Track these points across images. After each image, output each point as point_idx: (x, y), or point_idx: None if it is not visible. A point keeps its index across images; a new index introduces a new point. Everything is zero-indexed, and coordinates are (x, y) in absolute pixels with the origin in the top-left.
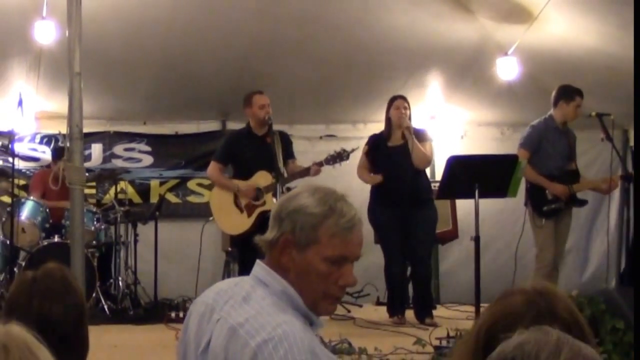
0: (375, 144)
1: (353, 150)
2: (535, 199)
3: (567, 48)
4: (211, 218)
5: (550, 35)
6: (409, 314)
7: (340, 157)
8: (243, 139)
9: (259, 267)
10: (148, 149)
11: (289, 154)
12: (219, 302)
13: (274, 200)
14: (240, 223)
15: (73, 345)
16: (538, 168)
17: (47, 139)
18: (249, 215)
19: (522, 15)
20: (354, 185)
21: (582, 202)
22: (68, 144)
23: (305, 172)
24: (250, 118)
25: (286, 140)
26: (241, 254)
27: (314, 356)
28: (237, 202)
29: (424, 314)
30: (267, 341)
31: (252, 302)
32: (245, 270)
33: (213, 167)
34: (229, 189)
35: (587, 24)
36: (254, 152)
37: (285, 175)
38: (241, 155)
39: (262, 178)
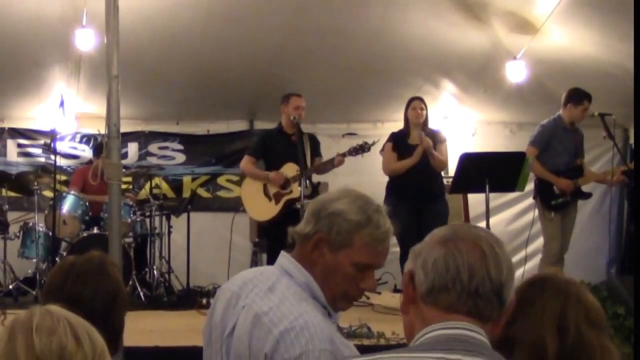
0: (398, 140)
1: (374, 143)
2: (544, 193)
3: (569, 55)
4: (241, 209)
5: (554, 44)
6: None
7: (362, 148)
8: (274, 137)
9: (285, 259)
10: (180, 147)
11: (316, 153)
12: (244, 289)
13: (300, 189)
14: (269, 210)
15: (100, 329)
16: (546, 164)
17: (87, 138)
18: (277, 202)
19: (527, 27)
20: (372, 180)
21: (587, 195)
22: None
23: (330, 162)
24: (283, 115)
25: (315, 142)
26: (269, 244)
27: (333, 344)
28: (266, 191)
29: None
30: (290, 330)
31: (277, 292)
32: (273, 259)
33: (246, 160)
34: (259, 178)
35: (586, 34)
36: (283, 148)
37: (310, 167)
38: (272, 151)
39: (289, 169)
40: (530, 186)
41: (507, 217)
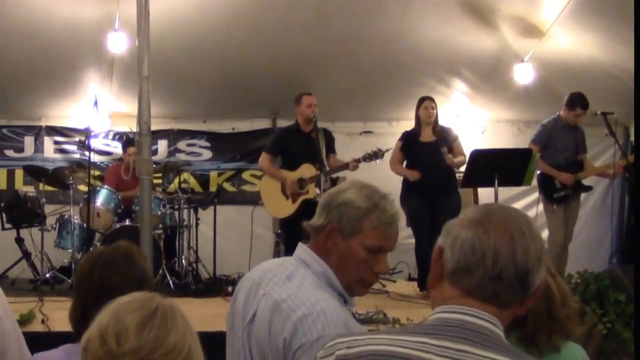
0: (409, 139)
1: (388, 150)
2: (546, 187)
3: (574, 58)
4: (260, 202)
5: (559, 47)
6: None
7: (376, 155)
8: (292, 134)
9: (302, 250)
10: (207, 144)
11: (330, 149)
12: (264, 279)
13: (317, 190)
14: (286, 208)
15: None
16: (548, 160)
17: (119, 136)
18: (294, 202)
19: (534, 32)
20: (389, 176)
21: (587, 188)
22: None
23: (345, 166)
24: (298, 115)
25: (329, 137)
26: (286, 236)
27: (348, 329)
28: (284, 190)
29: None
30: (307, 315)
31: (295, 280)
32: (290, 250)
33: (264, 158)
34: (277, 178)
35: (590, 38)
36: (300, 146)
37: (327, 168)
38: (289, 149)
39: (307, 170)
40: (534, 181)
41: None
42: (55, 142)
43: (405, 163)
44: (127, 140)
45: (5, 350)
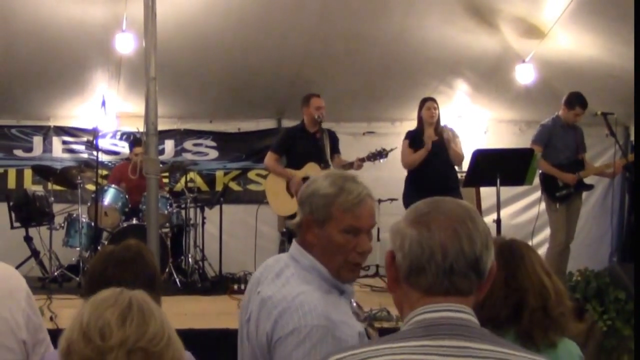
0: (414, 138)
1: (392, 150)
2: (549, 186)
3: (574, 58)
4: (265, 201)
5: (560, 48)
6: None
7: (380, 155)
8: (297, 134)
9: (293, 246)
10: (213, 144)
11: (335, 149)
12: (263, 275)
13: None
14: (291, 206)
15: None
16: (550, 160)
17: (126, 136)
18: None
19: (535, 32)
20: (392, 176)
21: (589, 187)
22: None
23: (349, 166)
24: (305, 116)
25: (333, 138)
26: (291, 235)
27: (328, 321)
28: (289, 189)
29: None
30: (286, 309)
31: (282, 277)
32: None
33: (269, 157)
34: (282, 176)
35: (590, 39)
36: (305, 146)
37: (332, 167)
38: (295, 148)
39: (312, 169)
40: (536, 180)
41: (516, 209)
42: (64, 142)
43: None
44: (133, 140)
45: (38, 343)
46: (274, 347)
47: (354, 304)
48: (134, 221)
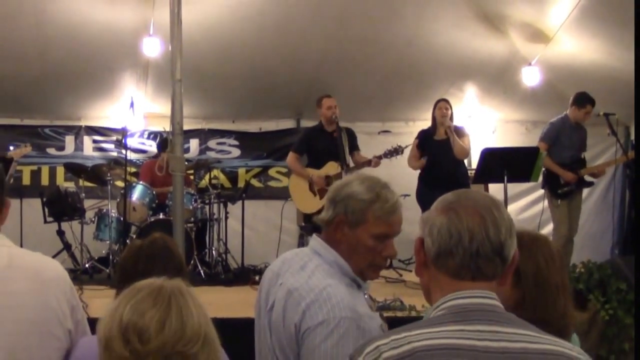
0: (424, 137)
1: (407, 146)
2: (551, 183)
3: (578, 62)
4: (289, 199)
5: (565, 52)
6: None
7: (396, 151)
8: (316, 134)
9: (315, 241)
10: (236, 143)
11: (354, 147)
12: (283, 269)
13: None
14: (314, 204)
15: None
16: (554, 157)
17: (153, 135)
18: (321, 197)
19: (541, 37)
20: (406, 172)
21: (589, 184)
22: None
23: (367, 163)
24: (321, 117)
25: (352, 136)
26: (313, 229)
27: (355, 313)
28: (312, 188)
29: None
30: (315, 301)
31: (307, 270)
32: None
33: (291, 157)
34: (304, 176)
35: (593, 43)
36: (324, 145)
37: (351, 165)
38: (314, 148)
39: (332, 167)
40: (540, 177)
41: (522, 205)
42: (94, 141)
43: (425, 159)
44: (162, 141)
45: (80, 333)
46: (302, 338)
47: (367, 296)
48: (161, 216)
